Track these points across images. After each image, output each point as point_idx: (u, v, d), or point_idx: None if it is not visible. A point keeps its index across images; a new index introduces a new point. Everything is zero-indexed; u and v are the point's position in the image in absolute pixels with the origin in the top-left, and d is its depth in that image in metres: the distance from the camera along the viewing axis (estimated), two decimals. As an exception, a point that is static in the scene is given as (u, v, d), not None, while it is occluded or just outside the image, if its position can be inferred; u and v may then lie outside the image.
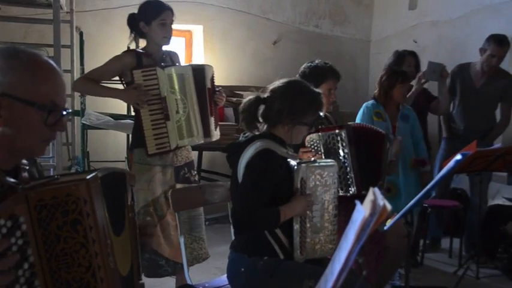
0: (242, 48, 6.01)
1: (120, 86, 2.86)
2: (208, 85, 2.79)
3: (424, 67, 3.94)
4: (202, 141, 2.80)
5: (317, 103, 2.07)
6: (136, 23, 2.74)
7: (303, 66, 2.79)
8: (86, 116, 4.59)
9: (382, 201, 1.10)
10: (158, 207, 2.72)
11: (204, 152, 4.97)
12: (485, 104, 4.00)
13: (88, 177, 1.12)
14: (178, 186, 2.75)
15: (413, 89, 3.77)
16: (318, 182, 2.01)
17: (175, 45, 6.01)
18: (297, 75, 2.76)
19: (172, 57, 2.90)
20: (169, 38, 2.76)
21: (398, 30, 6.15)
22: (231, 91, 5.40)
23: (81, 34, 4.81)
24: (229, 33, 5.95)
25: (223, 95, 2.90)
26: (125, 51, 2.79)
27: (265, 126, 2.09)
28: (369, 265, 2.67)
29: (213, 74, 2.83)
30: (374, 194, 1.15)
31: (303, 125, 2.07)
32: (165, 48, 2.84)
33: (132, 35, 2.80)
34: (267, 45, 6.10)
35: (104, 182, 1.17)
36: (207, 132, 2.77)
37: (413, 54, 4.01)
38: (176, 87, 2.67)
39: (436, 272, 3.79)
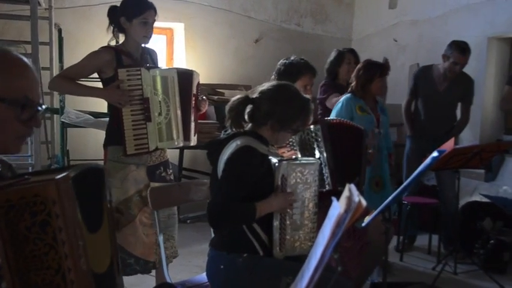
0: (224, 46, 6.00)
1: (97, 83, 2.81)
2: (194, 91, 2.77)
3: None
4: (181, 145, 2.77)
5: (306, 111, 2.07)
6: (117, 17, 2.68)
7: (279, 63, 2.79)
8: (65, 114, 4.54)
9: (357, 197, 1.12)
10: (131, 206, 2.68)
11: (185, 151, 4.96)
12: (447, 105, 4.11)
13: (57, 177, 1.09)
14: (155, 185, 2.72)
15: None
16: (298, 180, 2.01)
17: (156, 43, 5.98)
18: (274, 73, 2.76)
19: (151, 55, 2.86)
20: (150, 38, 2.71)
21: (379, 29, 6.20)
22: (213, 89, 5.39)
23: (59, 31, 4.76)
24: (211, 31, 5.94)
25: (207, 102, 2.90)
26: (102, 47, 2.71)
27: (250, 125, 2.09)
28: (351, 261, 2.70)
29: (199, 81, 2.82)
30: (350, 191, 1.16)
31: (290, 130, 2.08)
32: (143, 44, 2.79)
33: (111, 28, 2.73)
34: (248, 43, 6.10)
35: (77, 180, 1.15)
36: (187, 136, 2.74)
37: (352, 52, 4.06)
38: (159, 89, 2.63)
39: (414, 268, 3.84)
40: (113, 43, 2.79)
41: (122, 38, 2.79)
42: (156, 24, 2.77)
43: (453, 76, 3.99)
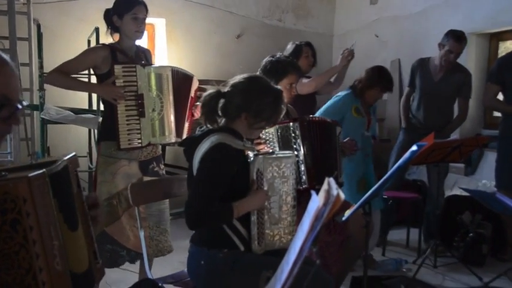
0: (205, 42, 5.98)
1: (86, 79, 2.84)
2: (192, 94, 2.83)
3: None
4: (173, 141, 2.82)
5: (278, 101, 2.07)
6: (110, 17, 2.76)
7: (265, 60, 2.78)
8: (45, 110, 4.48)
9: (335, 190, 1.12)
10: (123, 200, 2.72)
11: (167, 147, 4.94)
12: (443, 98, 4.10)
13: (30, 174, 1.06)
14: (147, 179, 2.77)
15: (338, 64, 3.84)
16: (275, 174, 2.02)
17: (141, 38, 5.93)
18: (259, 70, 2.76)
19: (145, 54, 2.92)
20: (142, 33, 2.77)
21: (360, 24, 6.24)
22: (195, 85, 5.37)
23: (38, 26, 4.68)
24: (193, 27, 5.91)
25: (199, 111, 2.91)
26: (98, 44, 2.81)
27: (224, 120, 2.08)
28: (332, 256, 2.71)
29: (198, 85, 2.89)
30: (329, 184, 1.17)
31: (264, 122, 2.07)
32: (138, 44, 2.86)
33: (109, 30, 2.80)
34: (230, 39, 6.08)
35: (55, 178, 1.13)
36: (179, 133, 2.79)
37: (309, 45, 4.05)
38: (154, 86, 2.70)
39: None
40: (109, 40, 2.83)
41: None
42: (136, 19, 2.78)
43: (448, 65, 4.00)
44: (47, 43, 4.73)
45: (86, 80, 4.36)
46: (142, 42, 6.10)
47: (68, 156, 1.30)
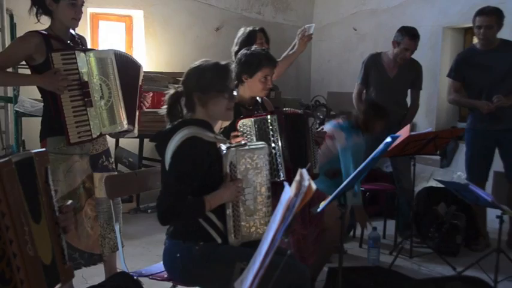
0: (184, 34, 5.94)
1: (26, 71, 2.63)
2: (140, 82, 2.73)
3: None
4: (125, 128, 2.67)
5: (222, 69, 2.06)
6: None
7: (240, 53, 2.78)
8: (19, 103, 4.41)
9: (307, 181, 1.13)
10: (76, 199, 2.57)
11: (145, 140, 4.90)
12: (399, 92, 4.19)
13: None
14: (97, 175, 2.65)
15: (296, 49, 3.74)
16: (248, 165, 2.02)
17: (115, 30, 5.87)
18: (234, 62, 2.76)
19: (82, 41, 2.74)
20: (78, 20, 2.57)
21: (339, 17, 6.27)
22: (173, 78, 5.33)
23: (11, 16, 4.58)
24: (171, 19, 5.86)
25: (149, 102, 2.85)
26: (27, 32, 2.55)
27: (190, 115, 2.08)
28: (308, 248, 2.73)
29: (142, 75, 2.77)
30: (301, 175, 1.18)
31: (216, 94, 2.03)
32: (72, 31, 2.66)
33: (34, 9, 2.56)
34: (209, 31, 6.05)
35: (20, 167, 1.12)
36: (131, 120, 2.67)
37: (262, 31, 3.91)
38: (97, 71, 2.53)
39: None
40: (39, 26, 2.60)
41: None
42: (115, 11, 2.70)
43: (403, 62, 4.06)
44: (20, 34, 4.62)
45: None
46: (119, 34, 6.04)
47: (36, 150, 1.29)
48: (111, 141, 3.67)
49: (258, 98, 2.82)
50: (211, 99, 2.03)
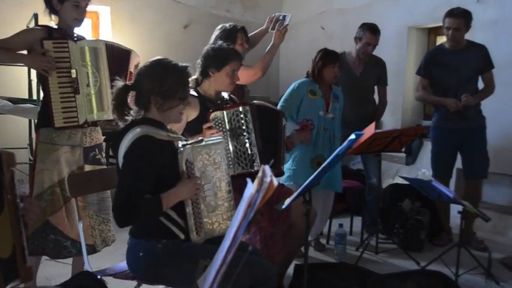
0: (152, 31, 5.88)
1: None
2: (131, 69, 2.77)
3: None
4: (112, 117, 2.65)
5: (185, 77, 2.05)
6: None
7: (206, 47, 2.78)
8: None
9: (269, 177, 1.14)
10: (65, 188, 2.59)
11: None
12: (366, 90, 4.27)
13: None
14: (88, 167, 2.70)
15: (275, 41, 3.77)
16: (206, 162, 2.01)
17: (81, 26, 5.75)
18: (200, 57, 2.76)
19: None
20: (81, 21, 2.69)
21: (307, 16, 6.31)
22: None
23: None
24: (138, 16, 5.79)
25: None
26: (36, 25, 2.68)
27: (142, 113, 2.05)
28: (275, 245, 2.75)
29: (138, 62, 2.80)
30: (263, 172, 1.19)
31: (176, 101, 2.02)
32: (77, 31, 2.76)
33: (47, 10, 2.68)
34: (177, 29, 6.02)
35: None
36: None
37: (243, 30, 3.81)
38: (88, 60, 2.64)
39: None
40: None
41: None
42: (78, 6, 2.69)
43: (366, 58, 4.13)
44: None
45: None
46: (85, 30, 5.93)
47: (4, 150, 1.28)
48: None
49: (225, 94, 2.82)
50: (170, 105, 2.01)
